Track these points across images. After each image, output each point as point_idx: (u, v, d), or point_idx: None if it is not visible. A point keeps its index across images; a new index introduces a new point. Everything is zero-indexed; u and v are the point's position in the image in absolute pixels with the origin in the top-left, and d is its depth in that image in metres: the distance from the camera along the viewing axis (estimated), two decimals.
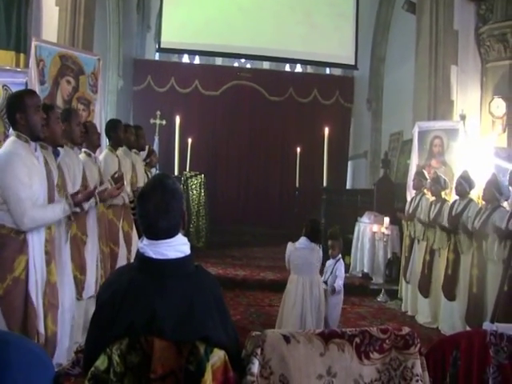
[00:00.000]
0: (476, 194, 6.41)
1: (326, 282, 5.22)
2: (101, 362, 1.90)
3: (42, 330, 3.15)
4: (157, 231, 2.00)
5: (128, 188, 4.69)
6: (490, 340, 2.25)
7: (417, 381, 2.04)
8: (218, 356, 1.92)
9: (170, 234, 2.02)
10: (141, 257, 2.02)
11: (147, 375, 1.88)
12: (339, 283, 5.01)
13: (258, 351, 1.97)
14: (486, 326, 2.61)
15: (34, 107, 3.21)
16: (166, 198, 2.01)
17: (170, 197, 2.02)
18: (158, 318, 1.88)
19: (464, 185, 5.97)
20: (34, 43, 5.89)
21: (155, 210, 1.99)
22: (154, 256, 1.99)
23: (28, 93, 3.41)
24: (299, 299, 4.65)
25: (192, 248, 2.13)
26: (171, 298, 1.93)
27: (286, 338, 2.00)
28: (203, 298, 1.99)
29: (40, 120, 3.25)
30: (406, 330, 2.13)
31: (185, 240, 2.09)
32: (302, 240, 4.81)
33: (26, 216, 3.04)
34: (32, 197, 3.11)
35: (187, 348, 1.89)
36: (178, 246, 2.04)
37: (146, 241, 2.03)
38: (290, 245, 4.86)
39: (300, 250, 4.77)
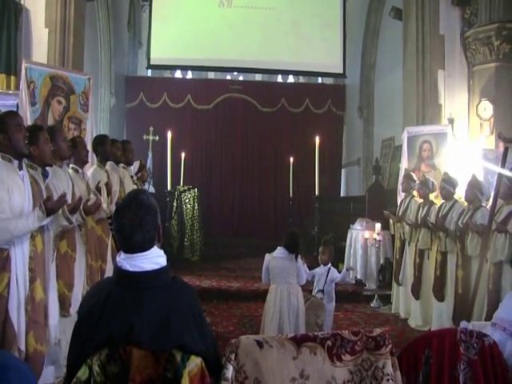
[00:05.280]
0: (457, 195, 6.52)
1: (322, 291, 5.31)
2: (82, 373, 1.96)
3: (22, 347, 3.17)
4: (132, 245, 2.08)
5: (104, 205, 4.75)
6: (460, 338, 2.32)
7: (387, 380, 2.10)
8: (195, 363, 1.98)
9: (144, 247, 2.09)
10: (118, 270, 2.10)
11: None
12: (340, 276, 5.34)
13: (232, 357, 2.03)
14: (463, 324, 2.67)
15: (15, 126, 3.30)
16: (141, 212, 2.09)
17: (145, 212, 2.10)
18: (135, 328, 1.95)
19: (447, 187, 6.11)
20: (24, 65, 6.00)
21: (130, 224, 2.07)
22: (131, 269, 2.06)
23: (9, 114, 3.49)
24: (277, 308, 4.69)
25: (169, 259, 2.20)
26: (148, 308, 2.00)
27: (259, 344, 2.06)
28: (179, 307, 2.06)
29: (22, 138, 3.33)
30: (377, 331, 2.19)
31: (161, 252, 2.16)
32: (280, 250, 4.85)
33: None
34: (8, 211, 3.15)
35: (164, 356, 1.96)
36: (153, 259, 2.11)
37: (123, 255, 2.11)
38: (267, 255, 4.89)
39: (278, 260, 4.81)
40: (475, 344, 2.30)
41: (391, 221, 7.30)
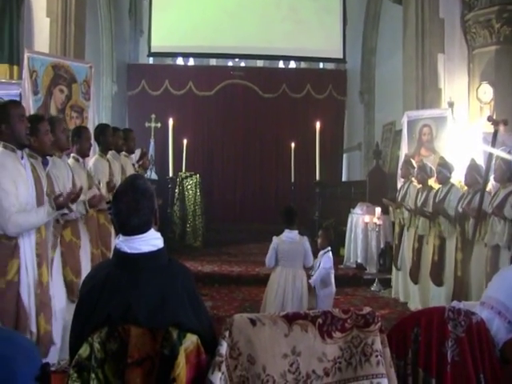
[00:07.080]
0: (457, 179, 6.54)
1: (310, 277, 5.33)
2: (83, 350, 2.05)
3: (34, 328, 3.30)
4: (129, 228, 2.16)
5: (103, 190, 4.82)
6: (448, 315, 2.40)
7: (376, 356, 2.17)
8: (191, 340, 2.06)
9: (142, 229, 2.17)
10: (117, 252, 2.19)
11: (125, 361, 2.03)
12: (314, 279, 5.11)
13: (227, 334, 2.11)
14: (454, 304, 2.75)
15: (17, 116, 3.34)
16: (137, 197, 2.17)
17: (141, 196, 2.18)
18: (132, 308, 2.04)
19: (444, 172, 6.15)
20: (26, 55, 6.07)
21: (127, 208, 2.15)
22: (129, 251, 2.15)
23: (12, 103, 3.53)
24: (281, 290, 4.73)
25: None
26: (145, 288, 2.09)
27: (252, 321, 2.14)
28: (175, 288, 2.14)
29: (24, 129, 3.38)
30: (366, 309, 2.26)
31: (158, 235, 2.24)
32: (288, 233, 4.86)
33: (9, 222, 3.18)
34: (16, 204, 3.24)
35: (161, 334, 2.04)
36: (151, 241, 2.19)
37: (121, 237, 2.19)
38: (275, 238, 4.90)
39: (287, 244, 4.83)
40: (463, 322, 2.38)
41: (391, 208, 7.34)
